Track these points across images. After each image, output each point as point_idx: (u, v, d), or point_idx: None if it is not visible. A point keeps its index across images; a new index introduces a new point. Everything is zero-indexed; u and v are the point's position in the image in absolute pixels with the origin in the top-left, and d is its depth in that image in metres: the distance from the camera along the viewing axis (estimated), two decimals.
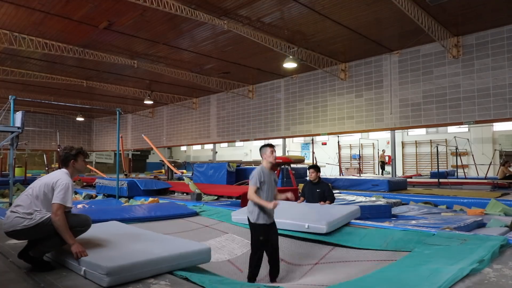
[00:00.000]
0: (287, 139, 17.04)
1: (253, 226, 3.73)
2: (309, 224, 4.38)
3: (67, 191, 2.91)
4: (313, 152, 16.63)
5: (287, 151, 18.34)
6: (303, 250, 4.26)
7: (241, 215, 5.23)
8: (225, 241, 4.69)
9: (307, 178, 6.14)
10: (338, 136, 17.70)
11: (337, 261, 3.87)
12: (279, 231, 4.50)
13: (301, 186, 7.37)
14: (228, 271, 3.85)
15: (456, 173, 15.82)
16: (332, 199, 5.75)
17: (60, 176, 3.00)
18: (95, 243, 3.17)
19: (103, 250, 3.01)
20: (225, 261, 4.14)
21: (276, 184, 4.05)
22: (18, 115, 7.25)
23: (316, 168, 5.95)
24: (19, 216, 2.83)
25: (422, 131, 20.28)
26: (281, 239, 4.04)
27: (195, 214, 6.02)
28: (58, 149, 13.28)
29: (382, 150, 20.08)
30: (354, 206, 5.10)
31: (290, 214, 4.91)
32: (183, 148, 31.23)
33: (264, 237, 3.67)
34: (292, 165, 11.49)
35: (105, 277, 2.52)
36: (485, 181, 12.23)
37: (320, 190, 5.76)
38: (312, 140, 17.43)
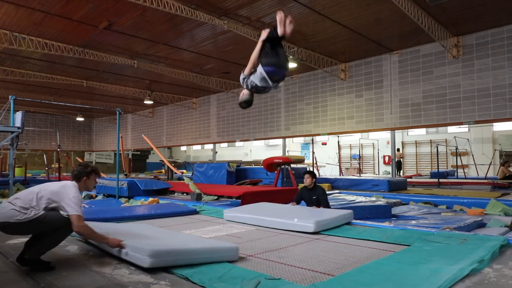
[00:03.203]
0: (287, 139, 17.04)
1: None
2: (297, 221, 4.39)
3: (78, 201, 2.99)
4: (313, 152, 16.63)
5: (287, 151, 18.34)
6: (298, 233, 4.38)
7: (234, 213, 5.25)
8: (224, 227, 4.86)
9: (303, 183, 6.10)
10: (338, 136, 17.70)
11: (336, 242, 3.94)
12: (270, 229, 4.55)
13: (301, 186, 7.37)
14: (227, 240, 4.01)
15: (456, 173, 15.82)
16: (325, 204, 5.70)
17: (72, 188, 3.05)
18: (134, 235, 3.44)
19: (142, 240, 3.27)
20: (224, 235, 4.32)
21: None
22: (18, 115, 7.25)
23: (311, 174, 5.93)
24: (15, 209, 2.82)
25: (422, 131, 20.27)
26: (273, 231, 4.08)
27: (195, 212, 6.04)
28: (58, 149, 13.29)
29: (397, 149, 19.59)
30: (347, 210, 5.04)
31: (281, 214, 4.89)
32: (183, 148, 31.22)
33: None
34: (292, 165, 11.49)
35: (147, 258, 2.76)
36: (485, 181, 12.23)
37: (316, 197, 5.74)
38: (312, 140, 17.42)
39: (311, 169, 16.19)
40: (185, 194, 9.61)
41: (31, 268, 2.87)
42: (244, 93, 3.78)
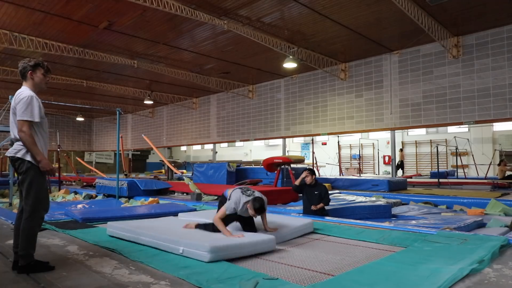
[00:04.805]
0: (287, 139, 17.04)
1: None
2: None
3: (28, 104, 2.79)
4: (313, 152, 16.63)
5: (287, 151, 18.34)
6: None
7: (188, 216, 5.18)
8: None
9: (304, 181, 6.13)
10: (338, 136, 17.71)
11: (336, 242, 3.97)
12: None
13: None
14: None
15: (456, 173, 15.82)
16: (326, 202, 5.93)
17: (19, 92, 2.90)
18: (186, 231, 3.90)
19: (193, 235, 3.56)
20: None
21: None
22: None
23: (311, 171, 6.05)
24: (19, 145, 2.90)
25: (422, 131, 20.28)
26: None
27: (195, 211, 6.04)
28: (58, 149, 13.29)
29: (400, 149, 19.49)
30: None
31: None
32: (183, 148, 31.23)
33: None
34: (292, 165, 11.47)
35: (207, 253, 3.02)
36: (485, 181, 12.24)
37: (318, 192, 5.87)
38: (312, 140, 17.43)
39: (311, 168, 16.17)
40: (185, 194, 9.62)
41: (31, 268, 2.87)
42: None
